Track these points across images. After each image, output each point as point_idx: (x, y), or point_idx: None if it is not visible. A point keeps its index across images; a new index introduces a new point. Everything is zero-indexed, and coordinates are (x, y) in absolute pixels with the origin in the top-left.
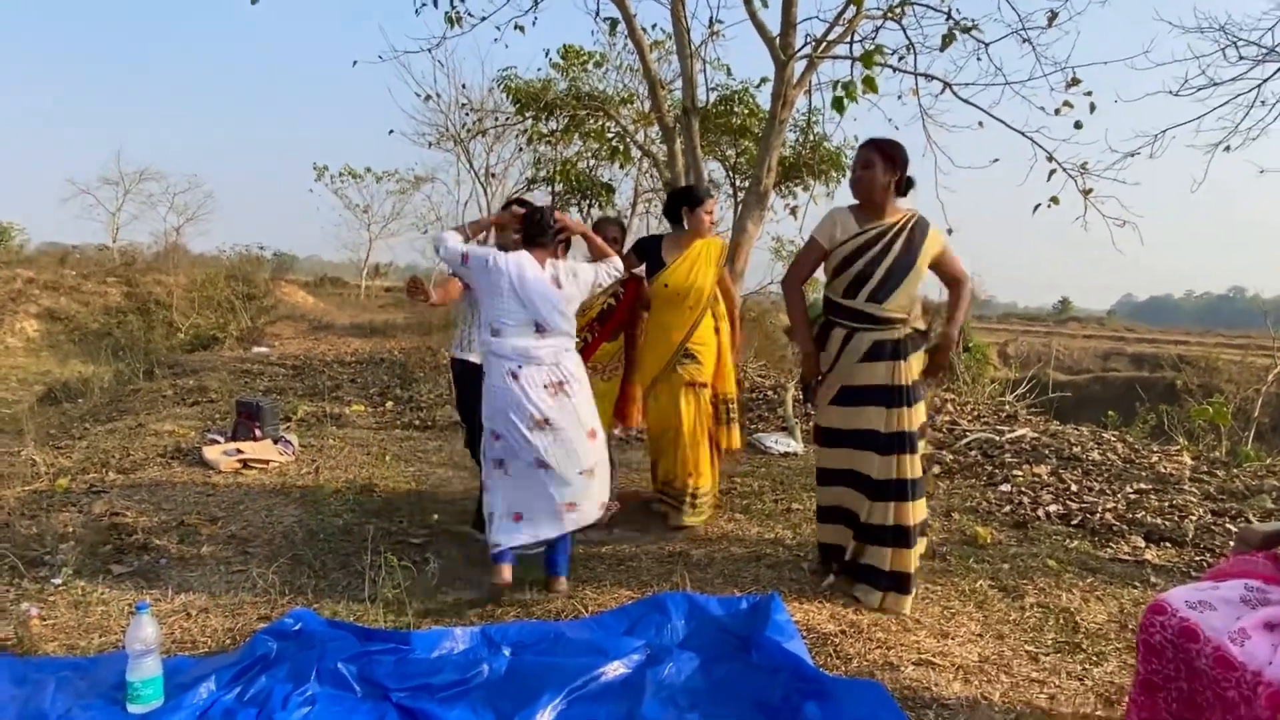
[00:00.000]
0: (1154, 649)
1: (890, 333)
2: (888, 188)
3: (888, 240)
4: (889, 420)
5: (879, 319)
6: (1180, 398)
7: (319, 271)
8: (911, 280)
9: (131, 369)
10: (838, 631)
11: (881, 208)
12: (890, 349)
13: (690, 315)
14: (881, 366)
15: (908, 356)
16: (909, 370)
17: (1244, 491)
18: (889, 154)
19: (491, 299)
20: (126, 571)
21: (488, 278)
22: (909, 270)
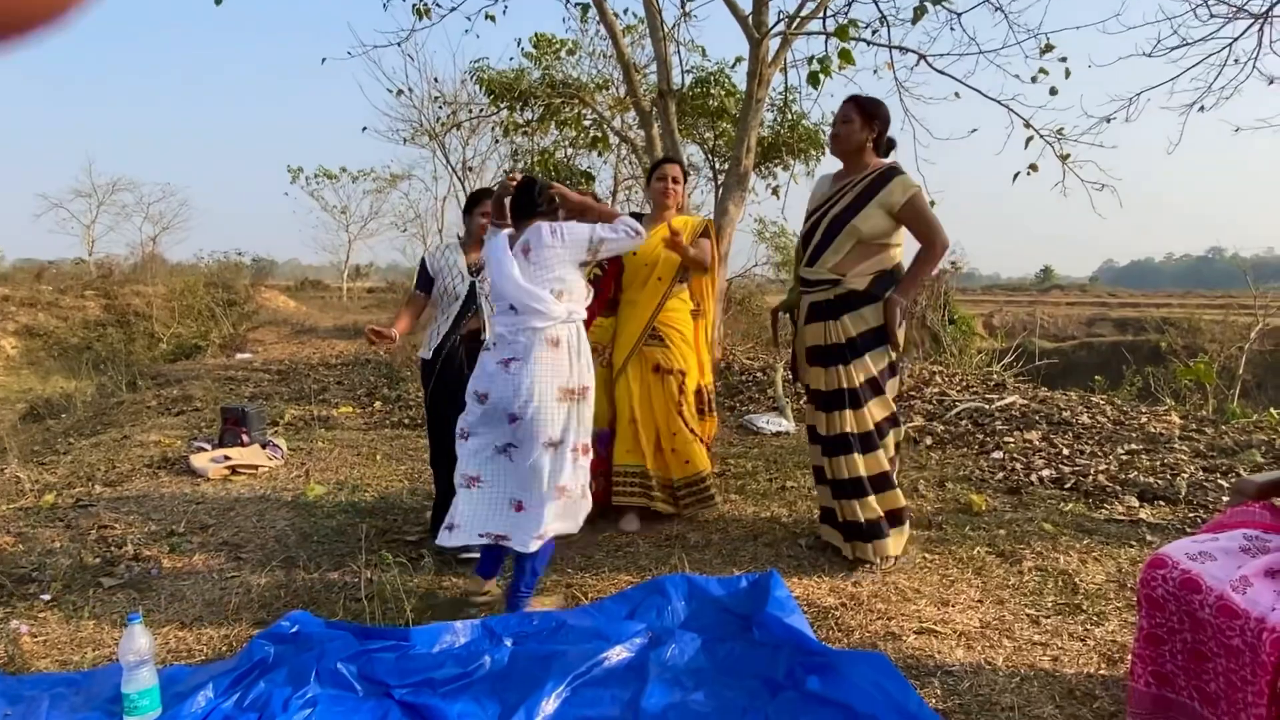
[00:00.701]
0: (1156, 602)
1: (823, 294)
2: (864, 145)
3: (836, 198)
4: (827, 379)
5: (811, 281)
6: (1165, 360)
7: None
8: (844, 239)
9: (114, 382)
10: (838, 605)
11: (856, 165)
12: (824, 309)
13: (658, 289)
14: (819, 327)
15: (839, 316)
16: (841, 329)
17: (1233, 447)
18: (868, 110)
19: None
20: (117, 584)
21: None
22: (841, 229)
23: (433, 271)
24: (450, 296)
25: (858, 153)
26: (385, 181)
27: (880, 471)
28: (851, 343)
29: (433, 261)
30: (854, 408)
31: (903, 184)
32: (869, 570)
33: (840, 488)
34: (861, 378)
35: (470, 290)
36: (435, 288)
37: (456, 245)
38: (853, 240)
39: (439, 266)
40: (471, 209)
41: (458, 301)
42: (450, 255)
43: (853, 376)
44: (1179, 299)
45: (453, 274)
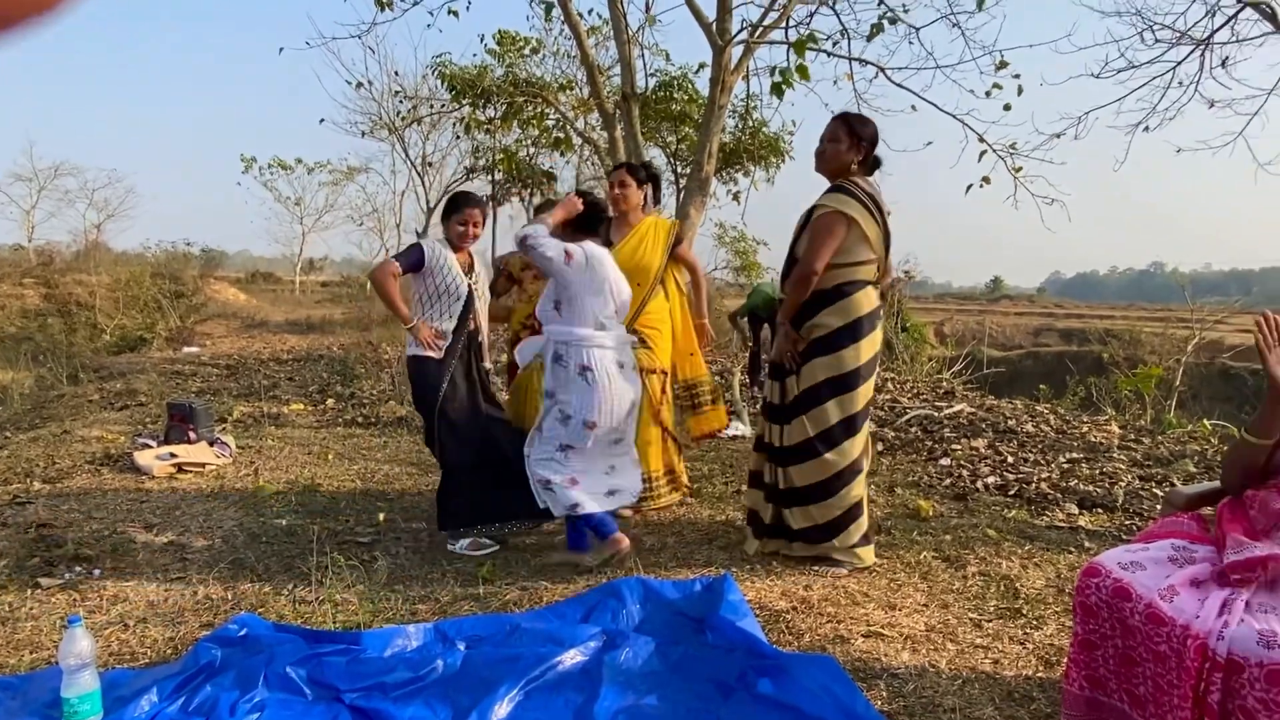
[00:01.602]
0: (1090, 609)
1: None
2: (849, 166)
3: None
4: (771, 390)
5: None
6: (1107, 370)
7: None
8: (793, 260)
9: (54, 374)
10: (789, 608)
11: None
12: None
13: (637, 294)
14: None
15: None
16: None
17: (1168, 457)
18: (856, 130)
19: (590, 295)
20: (57, 584)
21: (590, 275)
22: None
23: (429, 264)
24: (452, 295)
25: (841, 172)
26: (342, 174)
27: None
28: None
29: (432, 254)
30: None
31: (823, 202)
32: (820, 574)
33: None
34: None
35: (469, 292)
36: (430, 282)
37: (446, 244)
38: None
39: (437, 263)
40: (450, 214)
41: (460, 301)
42: (446, 253)
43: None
44: (1121, 311)
45: (452, 273)
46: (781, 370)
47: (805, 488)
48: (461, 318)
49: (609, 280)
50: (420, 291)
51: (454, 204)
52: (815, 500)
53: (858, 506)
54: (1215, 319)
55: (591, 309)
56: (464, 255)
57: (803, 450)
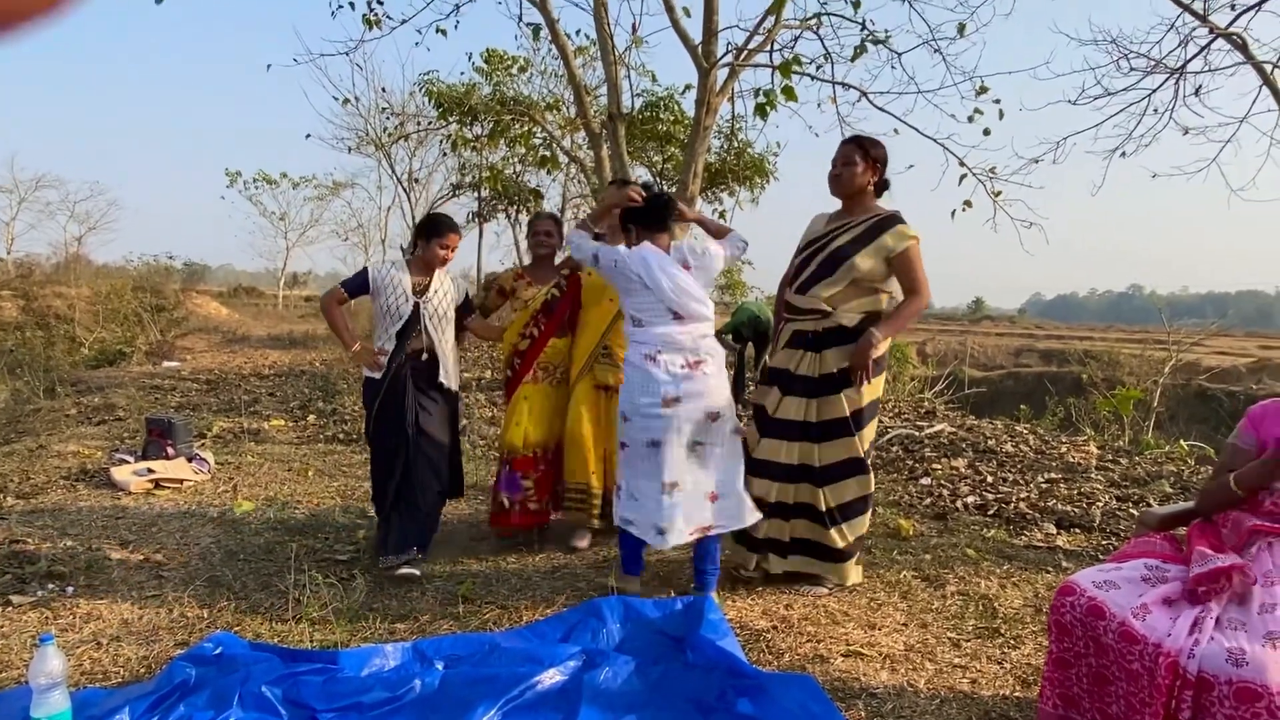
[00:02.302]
0: (1065, 628)
1: (809, 323)
2: (865, 187)
3: (837, 234)
4: (782, 407)
5: (798, 309)
6: (1086, 391)
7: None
8: (843, 273)
9: (31, 387)
10: (769, 627)
11: (856, 207)
12: (808, 339)
13: (611, 308)
14: (797, 354)
15: (823, 349)
16: (821, 362)
17: (1145, 478)
18: (870, 153)
19: (627, 295)
20: (29, 602)
21: (618, 277)
22: (841, 263)
23: (374, 286)
24: (393, 316)
25: (858, 195)
26: (328, 189)
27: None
28: (829, 377)
29: (378, 276)
30: (817, 441)
31: (901, 232)
32: (801, 594)
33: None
34: (838, 413)
35: (414, 311)
36: (378, 302)
37: (402, 264)
38: (849, 277)
39: (382, 283)
40: (431, 236)
41: (400, 321)
42: (395, 273)
43: (828, 410)
44: (1100, 333)
45: (396, 293)
46: (821, 387)
47: (852, 502)
48: (400, 339)
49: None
50: (374, 311)
51: (435, 228)
52: (858, 515)
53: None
54: (1192, 341)
55: (630, 305)
56: (422, 276)
57: (850, 467)
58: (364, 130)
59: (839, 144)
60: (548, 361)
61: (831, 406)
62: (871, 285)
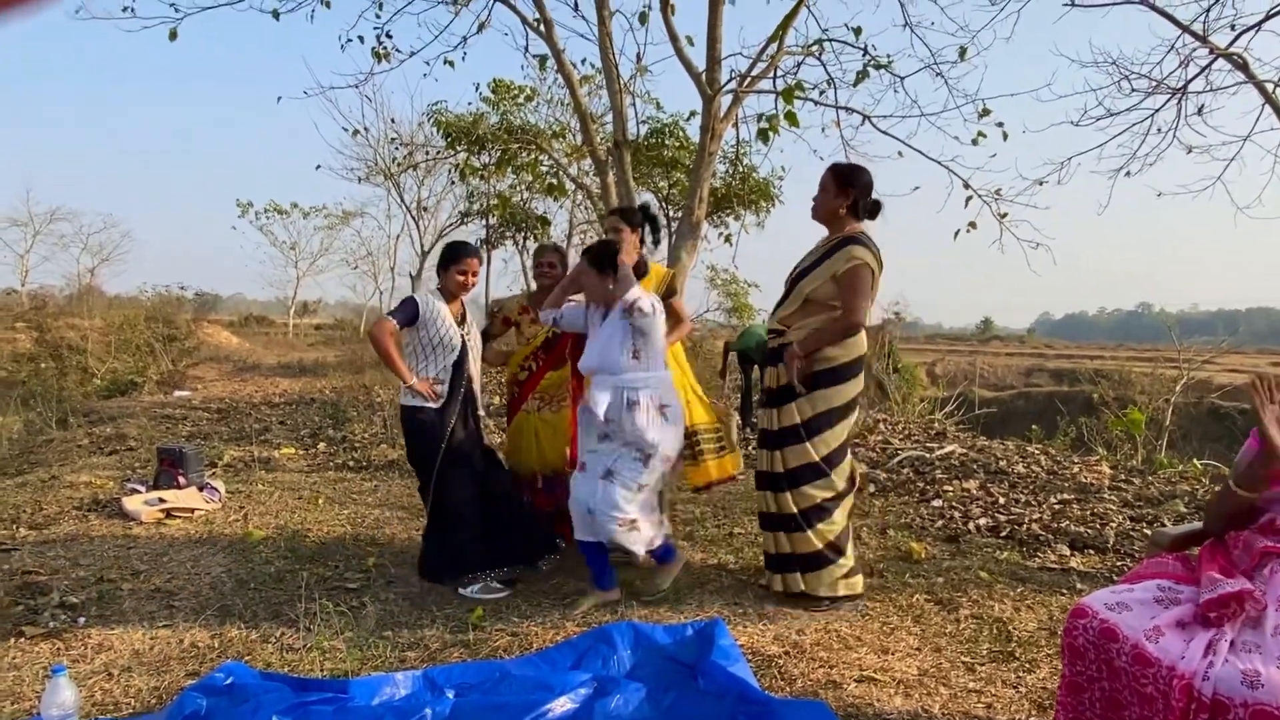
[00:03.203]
0: (1077, 651)
1: (774, 341)
2: (837, 211)
3: (807, 257)
4: (765, 416)
5: (771, 331)
6: (1098, 410)
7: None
8: (795, 295)
9: (43, 418)
10: (781, 653)
11: (833, 230)
12: (774, 355)
13: None
14: (772, 370)
15: (778, 364)
16: (779, 375)
17: (1159, 497)
18: (842, 178)
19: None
20: (41, 633)
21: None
22: (795, 286)
23: (424, 317)
24: (447, 348)
25: (832, 219)
26: (338, 218)
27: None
28: (783, 389)
29: (426, 307)
30: (777, 447)
31: (848, 254)
32: (812, 617)
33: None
34: (790, 420)
35: (462, 343)
36: (424, 334)
37: (439, 295)
38: (800, 299)
39: (431, 314)
40: (449, 264)
41: (454, 353)
42: (439, 304)
43: (783, 418)
44: (1111, 352)
45: (446, 324)
46: (779, 398)
47: (809, 510)
48: (456, 369)
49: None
50: (414, 343)
51: (454, 254)
52: (820, 522)
53: (846, 532)
54: (1203, 359)
55: (661, 349)
56: (456, 306)
57: (808, 472)
58: (373, 160)
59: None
60: (544, 391)
61: (785, 415)
62: (829, 304)
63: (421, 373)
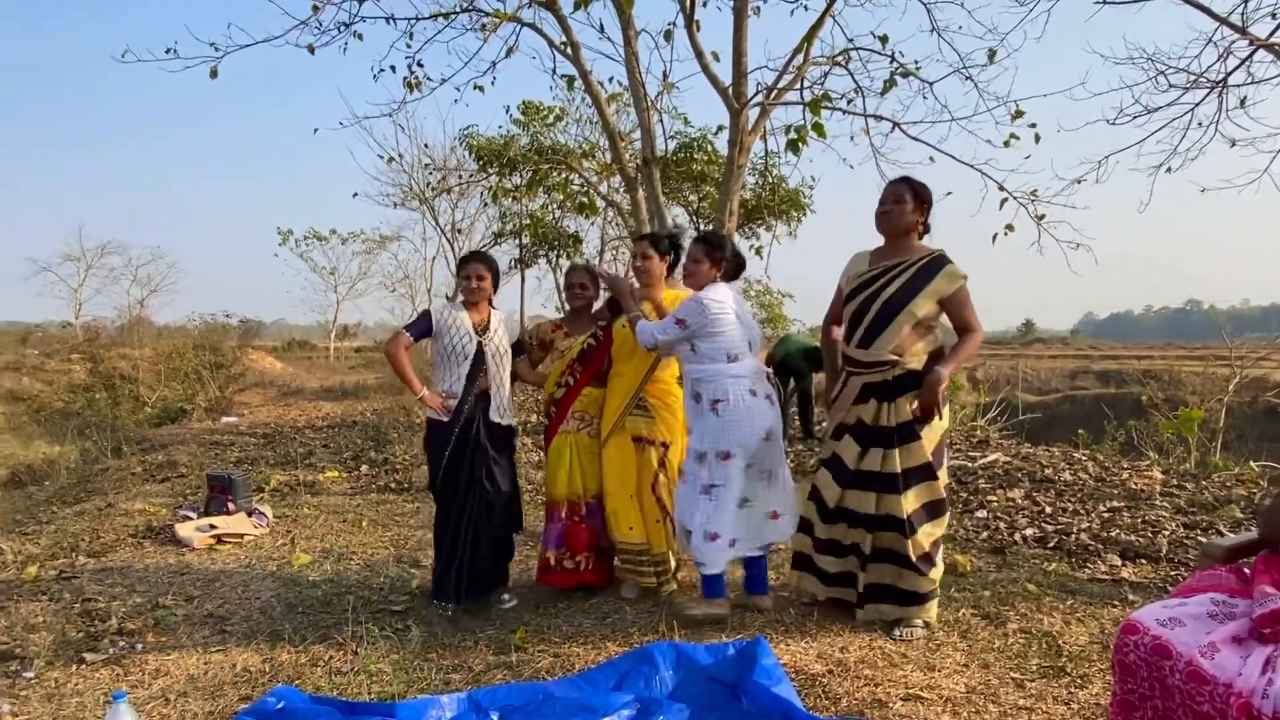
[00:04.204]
0: (1128, 668)
1: (879, 374)
2: (913, 226)
3: (886, 280)
4: (867, 459)
5: (866, 363)
6: (1147, 412)
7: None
8: (902, 321)
9: (99, 447)
10: (825, 672)
11: (901, 246)
12: (880, 389)
13: (645, 360)
14: (870, 407)
15: (896, 398)
16: (897, 410)
17: (1213, 503)
18: (920, 194)
19: (717, 334)
20: (101, 659)
21: (713, 318)
22: (898, 312)
23: (437, 328)
24: (459, 356)
25: (906, 234)
26: (375, 243)
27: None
28: (905, 425)
29: (440, 318)
30: (895, 492)
31: (952, 274)
32: (857, 635)
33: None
34: (915, 461)
35: (479, 349)
36: (440, 343)
37: (459, 305)
38: (909, 323)
39: (444, 325)
40: (457, 273)
41: (467, 361)
42: (455, 314)
43: (903, 460)
44: (1160, 351)
45: (460, 333)
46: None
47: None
48: (470, 376)
49: (735, 315)
50: (436, 353)
51: (459, 263)
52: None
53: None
54: (1257, 356)
55: (723, 345)
56: (480, 314)
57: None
58: (408, 185)
59: (888, 182)
60: (582, 410)
61: (914, 453)
62: (927, 325)
63: (442, 382)
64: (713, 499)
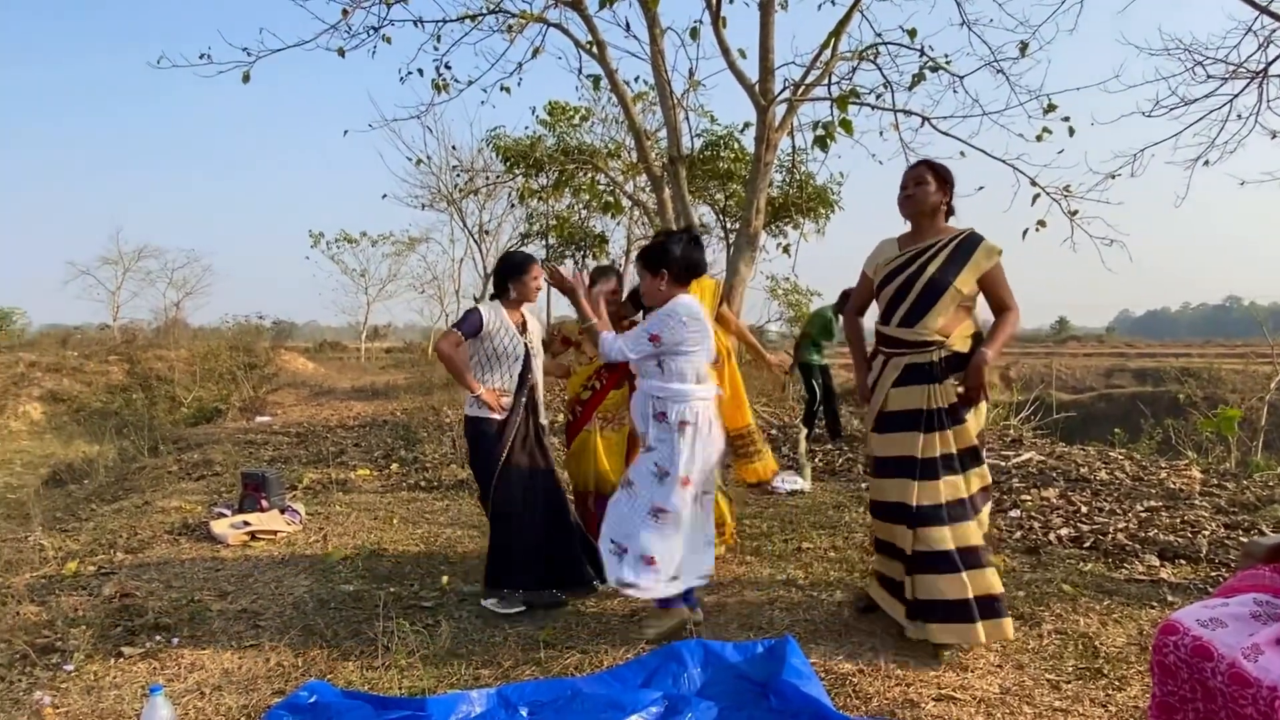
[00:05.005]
0: (1168, 670)
1: (924, 355)
2: (938, 207)
3: (924, 260)
4: (926, 445)
5: (910, 343)
6: (1185, 411)
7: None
8: (948, 300)
9: (136, 446)
10: (855, 671)
11: (929, 228)
12: (925, 371)
13: None
14: (917, 390)
15: (943, 379)
16: (945, 393)
17: (1255, 503)
18: (941, 174)
19: (692, 350)
20: (139, 653)
21: (692, 330)
22: (944, 290)
23: (488, 328)
24: (509, 357)
25: (931, 215)
26: (404, 245)
27: (970, 545)
28: (955, 407)
29: (490, 317)
30: (954, 473)
31: (989, 249)
32: (889, 634)
33: (928, 561)
34: (965, 442)
35: (525, 350)
36: (488, 345)
37: (499, 306)
38: (955, 302)
39: (495, 325)
40: (520, 273)
41: (518, 362)
42: (502, 314)
43: (956, 440)
44: (1198, 348)
45: (510, 333)
46: (951, 416)
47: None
48: (521, 377)
49: (702, 335)
50: (478, 354)
51: (520, 265)
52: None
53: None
54: None
55: (693, 365)
56: (517, 314)
57: (985, 493)
58: (436, 187)
59: (907, 168)
60: (607, 410)
61: (963, 435)
62: (967, 306)
63: (486, 383)
64: (658, 524)
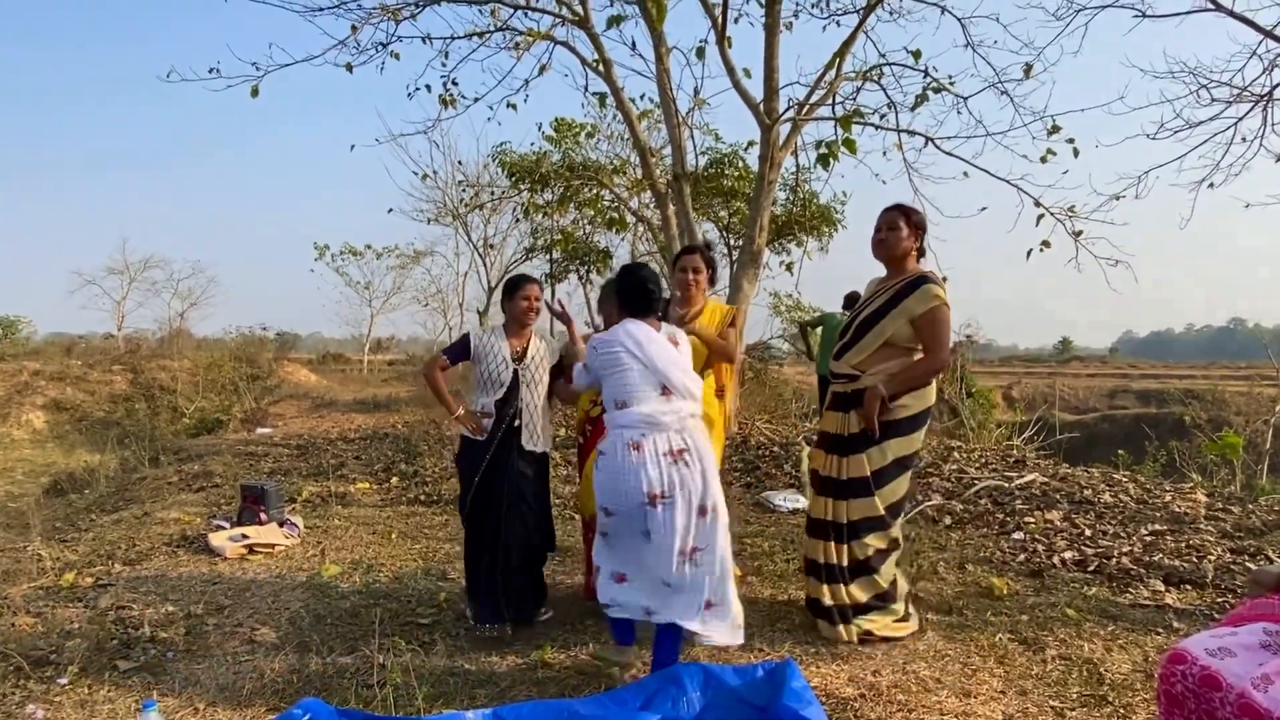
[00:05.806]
0: (1175, 699)
1: (840, 386)
2: (909, 251)
3: (871, 299)
4: (827, 464)
5: (836, 375)
6: (1190, 433)
7: (321, 349)
8: (871, 339)
9: (137, 456)
10: (856, 695)
11: (896, 271)
12: (842, 400)
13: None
14: (837, 416)
15: (850, 410)
16: (849, 422)
17: (1261, 527)
18: (913, 219)
19: (611, 376)
20: (133, 667)
21: (605, 359)
22: (871, 327)
23: (475, 353)
24: (494, 384)
25: (901, 259)
26: (409, 258)
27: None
28: (857, 435)
29: (479, 343)
30: (841, 499)
31: (925, 294)
32: (890, 659)
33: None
34: (861, 470)
35: (514, 378)
36: (478, 369)
37: (500, 332)
38: (879, 341)
39: (484, 351)
40: (512, 293)
41: (502, 389)
42: (495, 341)
43: (853, 468)
44: (1202, 370)
45: (497, 361)
46: (849, 445)
47: (869, 559)
48: (501, 403)
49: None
50: (475, 376)
51: (513, 284)
52: (873, 572)
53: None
54: None
55: (613, 390)
56: (521, 339)
57: (871, 524)
58: (442, 201)
59: (882, 210)
60: None
61: (854, 465)
62: (905, 347)
63: (482, 405)
64: (611, 548)
